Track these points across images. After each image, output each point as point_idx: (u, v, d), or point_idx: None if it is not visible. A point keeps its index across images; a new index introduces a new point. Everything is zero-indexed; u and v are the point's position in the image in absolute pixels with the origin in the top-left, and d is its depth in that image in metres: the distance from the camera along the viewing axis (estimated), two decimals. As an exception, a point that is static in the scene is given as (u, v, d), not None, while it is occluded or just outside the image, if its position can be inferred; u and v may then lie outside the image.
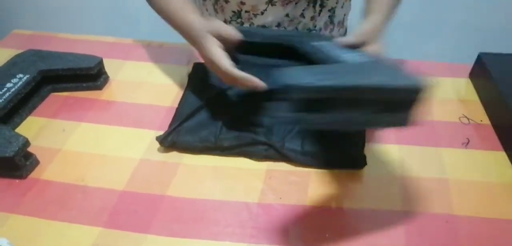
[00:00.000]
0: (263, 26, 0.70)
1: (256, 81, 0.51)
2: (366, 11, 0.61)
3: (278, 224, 0.51)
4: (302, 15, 0.69)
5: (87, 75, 0.70)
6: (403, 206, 0.52)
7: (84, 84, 0.71)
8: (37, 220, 0.51)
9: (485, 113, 0.66)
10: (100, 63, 0.71)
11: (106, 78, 0.73)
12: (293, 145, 0.58)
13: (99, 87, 0.71)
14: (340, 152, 0.57)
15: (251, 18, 0.69)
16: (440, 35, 1.22)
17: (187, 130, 0.60)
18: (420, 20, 1.16)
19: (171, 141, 0.59)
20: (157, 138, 0.59)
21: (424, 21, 1.12)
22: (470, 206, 0.52)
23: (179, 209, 0.52)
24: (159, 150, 0.60)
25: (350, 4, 0.78)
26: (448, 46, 1.23)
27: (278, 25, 0.69)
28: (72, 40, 0.85)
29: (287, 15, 0.68)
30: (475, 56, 0.72)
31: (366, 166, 0.56)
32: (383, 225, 0.50)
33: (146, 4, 0.67)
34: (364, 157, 0.57)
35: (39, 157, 0.59)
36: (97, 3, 1.35)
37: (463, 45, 1.03)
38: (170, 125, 0.62)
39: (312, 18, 0.70)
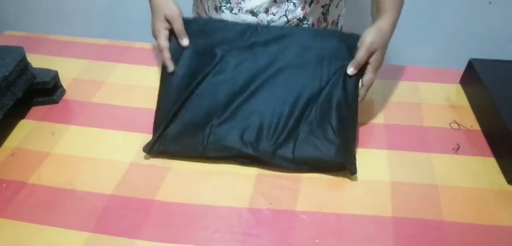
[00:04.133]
0: (251, 12, 0.69)
1: (168, 62, 0.62)
2: (376, 10, 0.64)
3: (268, 229, 0.50)
4: (293, 3, 0.69)
5: (43, 90, 0.67)
6: (393, 211, 0.52)
7: (40, 99, 0.68)
8: (24, 224, 0.50)
9: (475, 119, 0.67)
10: (55, 77, 0.69)
11: (62, 92, 0.71)
12: (285, 151, 0.57)
13: (55, 101, 0.69)
14: (331, 158, 0.56)
15: (240, 3, 0.69)
16: (431, 41, 1.23)
17: (172, 137, 0.59)
18: (411, 26, 1.16)
19: (158, 150, 0.58)
20: (144, 149, 0.59)
21: (415, 27, 1.13)
22: (459, 212, 0.52)
23: (168, 213, 0.52)
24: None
25: (344, 5, 0.79)
26: (439, 52, 1.23)
27: (266, 10, 0.69)
28: (64, 42, 0.85)
29: (274, 0, 0.68)
30: (466, 62, 0.73)
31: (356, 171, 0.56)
32: (373, 230, 0.50)
33: (139, 6, 0.67)
34: (355, 164, 0.57)
35: (27, 161, 0.58)
36: (90, 5, 1.35)
37: (453, 51, 1.04)
38: (154, 127, 0.61)
39: (303, 8, 0.70)
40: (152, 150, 0.58)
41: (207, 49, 0.63)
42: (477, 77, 0.68)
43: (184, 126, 0.60)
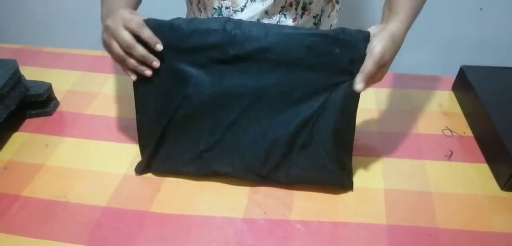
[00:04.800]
0: None
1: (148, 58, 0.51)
2: (388, 9, 0.54)
3: (262, 239, 0.50)
4: (283, 15, 0.69)
5: (37, 102, 0.67)
6: (387, 219, 0.52)
7: (33, 111, 0.68)
8: (18, 238, 0.50)
9: (468, 125, 0.67)
10: (49, 89, 0.69)
11: (56, 104, 0.71)
12: (278, 175, 0.55)
13: (49, 114, 0.69)
14: (326, 183, 0.56)
15: (232, 15, 0.69)
16: (423, 48, 1.24)
17: (161, 161, 0.57)
18: (404, 33, 1.18)
19: (149, 171, 0.58)
20: (136, 170, 0.58)
21: (407, 35, 1.14)
22: (453, 218, 0.52)
23: (162, 225, 0.52)
24: (143, 164, 0.60)
25: (336, 15, 0.79)
26: (431, 59, 1.25)
27: (258, 22, 0.69)
28: (58, 54, 0.85)
29: (266, 12, 0.68)
30: (458, 69, 0.74)
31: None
32: (368, 238, 0.50)
33: None
34: (351, 181, 0.56)
35: (20, 174, 0.58)
36: (83, 17, 1.35)
37: (446, 58, 1.05)
38: (140, 146, 0.58)
39: (294, 19, 0.70)
40: (143, 171, 0.58)
41: (179, 64, 0.52)
42: (468, 84, 0.69)
43: (171, 151, 0.56)
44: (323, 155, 0.53)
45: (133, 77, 0.53)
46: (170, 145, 0.56)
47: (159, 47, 0.50)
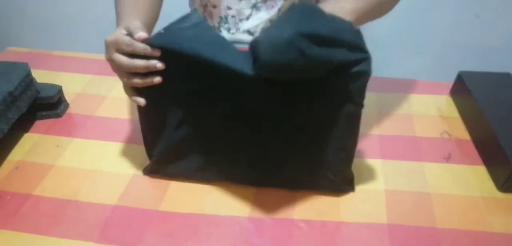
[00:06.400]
0: (248, 31, 0.71)
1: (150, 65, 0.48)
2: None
3: (268, 238, 0.52)
4: None
5: (47, 104, 0.70)
6: (388, 219, 0.54)
7: (44, 113, 0.70)
8: (29, 235, 0.51)
9: (466, 129, 0.69)
10: (60, 91, 0.71)
11: (66, 106, 0.73)
12: (281, 184, 0.57)
13: (59, 115, 0.71)
14: (329, 186, 0.57)
15: (237, 23, 0.71)
16: (422, 54, 1.26)
17: (169, 167, 0.58)
18: (402, 39, 1.20)
19: (157, 174, 0.59)
20: (144, 171, 0.60)
21: (405, 40, 1.16)
22: (452, 219, 0.54)
23: (171, 223, 0.53)
24: (151, 165, 0.61)
25: None
26: (429, 65, 1.27)
27: (263, 30, 0.71)
28: (68, 58, 0.87)
29: (271, 21, 0.70)
30: (455, 74, 0.76)
31: (352, 180, 0.58)
32: (370, 237, 0.52)
33: None
34: (353, 186, 0.58)
35: (31, 173, 0.59)
36: (92, 22, 1.37)
37: (444, 64, 1.07)
38: (146, 149, 0.59)
39: None
40: (150, 173, 0.60)
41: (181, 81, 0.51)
42: (466, 89, 0.71)
43: (176, 161, 0.57)
44: (325, 168, 0.55)
45: (142, 101, 0.51)
46: (175, 157, 0.57)
47: (155, 63, 0.48)
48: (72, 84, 0.77)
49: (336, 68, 0.46)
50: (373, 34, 0.65)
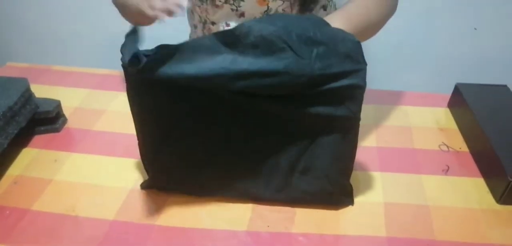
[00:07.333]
0: None
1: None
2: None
3: (266, 251, 0.52)
4: None
5: (46, 119, 0.70)
6: (387, 231, 0.54)
7: (42, 128, 0.70)
8: (27, 251, 0.51)
9: (464, 141, 0.69)
10: (58, 106, 0.71)
11: (64, 121, 0.73)
12: (279, 197, 0.57)
13: (58, 130, 0.71)
14: (328, 199, 0.57)
15: None
16: (420, 67, 1.27)
17: (167, 182, 0.58)
18: (400, 51, 1.21)
19: (156, 188, 0.59)
20: (141, 186, 0.60)
21: (403, 53, 1.17)
22: (450, 231, 0.54)
23: (169, 237, 0.53)
24: (149, 179, 0.61)
25: None
26: (427, 77, 1.28)
27: None
28: (66, 72, 0.88)
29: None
30: (453, 86, 0.76)
31: (351, 193, 0.58)
32: (368, 250, 0.52)
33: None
34: (352, 199, 0.58)
35: (30, 188, 0.59)
36: (91, 37, 1.39)
37: (441, 76, 1.08)
38: (143, 163, 0.58)
39: None
40: (148, 187, 0.60)
41: (183, 94, 0.49)
42: (463, 101, 0.71)
43: (173, 176, 0.57)
44: (324, 180, 0.55)
45: (165, 16, 0.51)
46: (172, 171, 0.57)
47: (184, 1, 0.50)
48: (70, 99, 0.78)
49: (327, 77, 0.47)
50: (370, 47, 0.66)
